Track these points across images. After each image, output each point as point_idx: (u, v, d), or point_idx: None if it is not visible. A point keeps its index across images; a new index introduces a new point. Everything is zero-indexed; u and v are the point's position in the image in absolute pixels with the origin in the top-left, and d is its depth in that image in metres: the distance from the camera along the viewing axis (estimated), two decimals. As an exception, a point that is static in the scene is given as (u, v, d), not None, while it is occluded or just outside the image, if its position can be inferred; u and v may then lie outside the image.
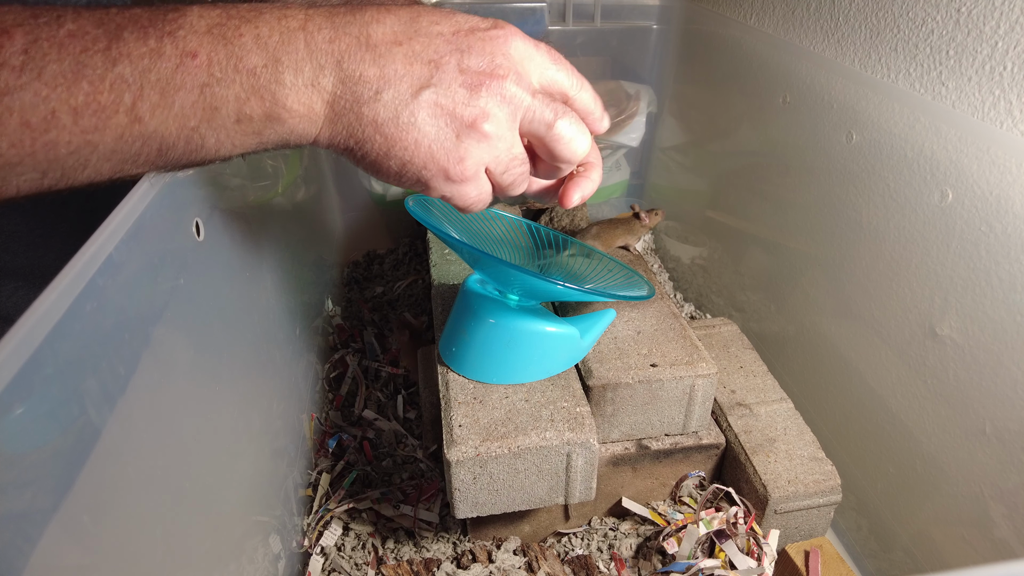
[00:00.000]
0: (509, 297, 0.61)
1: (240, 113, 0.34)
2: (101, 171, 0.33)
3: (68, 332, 0.31)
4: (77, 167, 0.32)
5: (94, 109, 0.31)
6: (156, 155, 0.34)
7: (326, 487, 0.74)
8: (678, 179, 1.13)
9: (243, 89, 0.33)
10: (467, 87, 0.37)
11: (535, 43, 0.40)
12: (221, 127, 0.34)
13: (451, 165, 0.38)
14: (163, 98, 0.32)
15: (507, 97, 0.38)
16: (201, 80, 0.33)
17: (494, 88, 0.37)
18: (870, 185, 0.68)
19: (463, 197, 0.40)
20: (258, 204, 0.65)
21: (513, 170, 0.41)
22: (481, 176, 0.40)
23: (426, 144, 0.37)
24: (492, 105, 0.37)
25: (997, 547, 0.56)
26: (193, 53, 0.32)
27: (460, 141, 0.37)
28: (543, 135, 0.40)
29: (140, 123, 0.32)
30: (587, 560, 0.65)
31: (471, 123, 0.37)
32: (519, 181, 0.42)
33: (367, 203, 1.17)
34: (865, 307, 0.70)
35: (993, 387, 0.56)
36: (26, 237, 0.59)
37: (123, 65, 0.31)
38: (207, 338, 0.50)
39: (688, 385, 0.63)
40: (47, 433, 0.30)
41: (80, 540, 0.31)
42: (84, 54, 0.31)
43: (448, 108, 0.37)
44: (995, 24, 0.57)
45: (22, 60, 0.30)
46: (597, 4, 1.07)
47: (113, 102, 0.31)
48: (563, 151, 0.41)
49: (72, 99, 0.30)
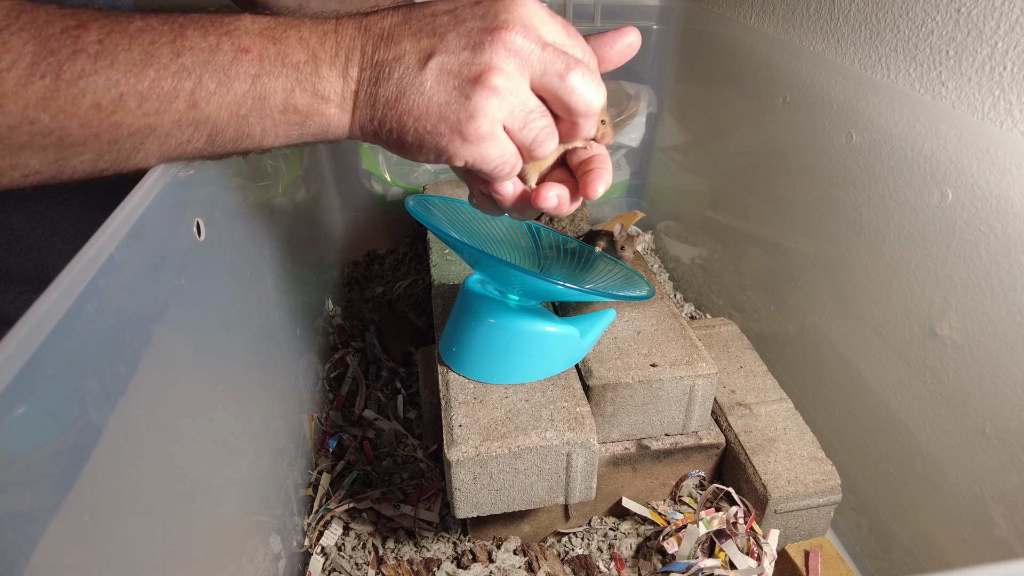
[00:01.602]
0: (509, 297, 0.61)
1: (286, 103, 0.37)
2: (151, 154, 0.37)
3: (69, 332, 0.31)
4: (132, 149, 0.36)
5: (158, 94, 0.34)
6: (205, 141, 0.37)
7: (326, 487, 0.74)
8: (678, 179, 1.13)
9: (288, 80, 0.37)
10: (471, 47, 0.37)
11: (550, 12, 0.40)
12: (268, 116, 0.37)
13: (463, 123, 0.37)
14: (219, 86, 0.36)
15: (513, 49, 0.37)
16: (253, 71, 0.36)
17: (498, 42, 0.37)
18: (870, 185, 0.68)
19: (486, 159, 0.39)
20: (259, 204, 0.66)
21: (532, 124, 0.39)
22: (499, 134, 0.39)
23: (436, 109, 0.38)
24: (498, 59, 0.37)
25: (997, 547, 0.56)
26: (247, 49, 0.36)
27: (469, 99, 0.37)
28: (556, 88, 0.39)
29: (196, 109, 0.36)
30: (587, 560, 0.65)
31: (477, 78, 0.37)
32: (543, 136, 0.40)
33: (367, 203, 1.17)
34: (865, 307, 0.70)
35: (993, 387, 0.56)
36: (28, 236, 0.59)
37: (186, 56, 0.35)
38: (208, 338, 0.50)
39: (688, 385, 0.64)
40: (48, 433, 0.30)
41: (81, 540, 0.31)
42: (152, 46, 0.34)
43: (453, 70, 0.37)
44: (995, 24, 0.57)
45: (97, 49, 0.33)
46: (597, 4, 1.08)
47: (175, 88, 0.35)
48: (578, 103, 0.39)
49: (139, 84, 0.34)
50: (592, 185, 0.44)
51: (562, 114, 0.41)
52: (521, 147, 0.40)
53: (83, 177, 0.36)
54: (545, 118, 0.40)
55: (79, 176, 0.36)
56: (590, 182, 0.45)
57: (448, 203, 0.64)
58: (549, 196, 0.44)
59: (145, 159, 0.37)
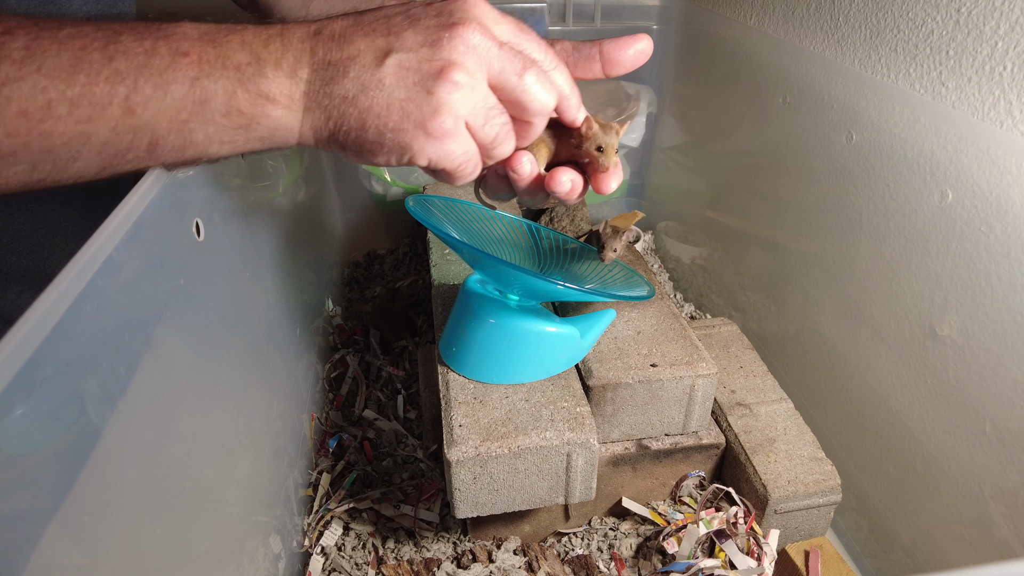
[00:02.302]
0: (509, 297, 0.61)
1: (228, 106, 0.36)
2: (90, 165, 0.35)
3: (68, 332, 0.31)
4: (68, 159, 0.34)
5: (89, 100, 0.33)
6: (146, 149, 0.36)
7: (326, 487, 0.74)
8: (678, 179, 1.13)
9: (230, 82, 0.36)
10: (429, 44, 0.37)
11: (501, 12, 0.40)
12: (211, 120, 0.36)
13: (427, 118, 0.37)
14: (156, 90, 0.34)
15: (471, 45, 0.38)
16: (192, 74, 0.35)
17: (456, 38, 0.37)
18: (870, 185, 0.68)
19: (450, 157, 0.39)
20: (258, 204, 0.66)
21: (493, 120, 0.40)
22: (462, 131, 0.39)
23: (398, 104, 0.37)
24: (457, 54, 0.37)
25: (997, 547, 0.56)
26: (185, 52, 0.35)
27: (432, 94, 0.37)
28: (513, 86, 0.39)
29: (133, 115, 0.34)
30: (587, 560, 0.65)
31: (438, 73, 0.37)
32: (503, 135, 0.41)
33: (367, 203, 1.17)
34: (865, 307, 0.70)
35: (993, 387, 0.56)
36: (30, 237, 0.59)
37: (119, 61, 0.33)
38: (207, 338, 0.50)
39: (688, 385, 0.64)
40: (47, 433, 0.30)
41: (80, 540, 0.31)
42: (83, 51, 0.33)
43: (413, 66, 0.37)
44: (995, 24, 0.57)
45: (23, 55, 0.32)
46: (597, 5, 1.08)
47: (108, 94, 0.33)
48: (533, 102, 0.40)
49: (69, 90, 0.32)
50: (606, 181, 0.46)
51: (517, 114, 0.41)
52: (482, 145, 0.41)
53: (19, 188, 0.35)
54: (504, 116, 0.40)
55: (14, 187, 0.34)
56: (603, 178, 0.46)
57: (448, 203, 0.64)
58: (563, 180, 0.45)
59: (84, 169, 0.35)
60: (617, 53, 0.45)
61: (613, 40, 0.45)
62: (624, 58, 0.45)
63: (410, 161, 0.39)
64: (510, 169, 0.45)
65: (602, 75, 0.47)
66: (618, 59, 0.45)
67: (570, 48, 0.48)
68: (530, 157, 0.45)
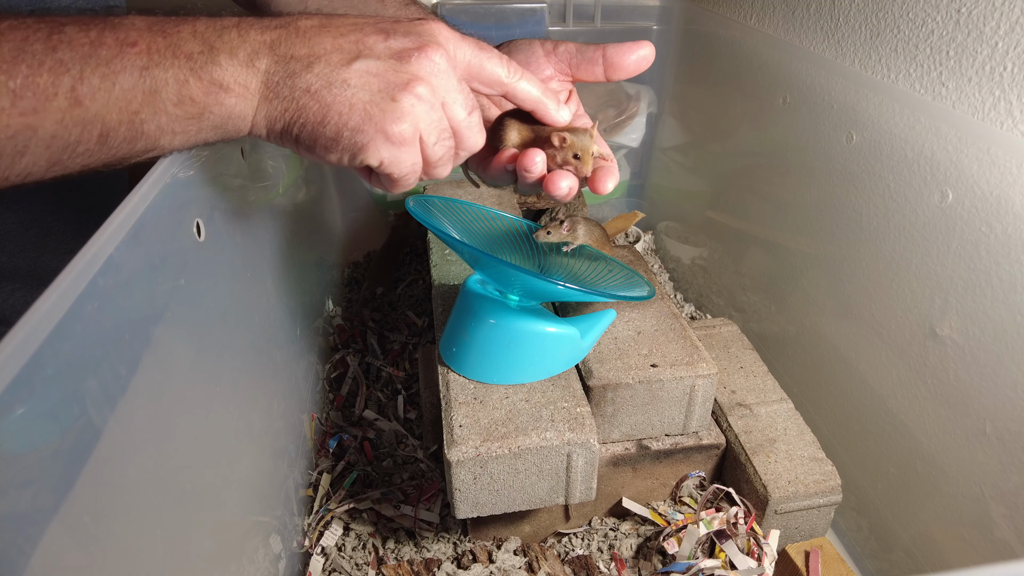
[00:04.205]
0: (509, 297, 0.61)
1: (180, 95, 0.35)
2: (39, 160, 0.34)
3: (69, 332, 0.31)
4: (15, 153, 0.33)
5: (33, 91, 0.32)
6: (97, 142, 0.35)
7: (327, 487, 0.74)
8: (678, 179, 1.13)
9: (182, 71, 0.35)
10: (396, 58, 0.39)
11: (462, 34, 0.42)
12: (162, 110, 0.35)
13: (389, 123, 0.38)
14: (104, 81, 0.33)
15: (437, 67, 0.39)
16: (141, 64, 0.34)
17: (424, 58, 0.39)
18: (870, 185, 0.68)
19: (399, 164, 0.40)
20: (259, 205, 0.66)
21: (444, 142, 0.41)
22: (416, 143, 0.40)
23: (361, 105, 0.38)
24: (424, 72, 0.39)
25: (997, 547, 0.56)
26: (133, 42, 0.34)
27: (397, 102, 0.38)
28: (460, 120, 0.41)
29: (80, 106, 0.33)
30: (587, 560, 0.65)
31: (405, 84, 0.38)
32: (447, 157, 0.42)
33: (367, 203, 1.17)
34: (865, 307, 0.70)
35: (993, 387, 0.56)
36: (22, 236, 0.59)
37: (63, 51, 0.33)
38: (208, 338, 0.50)
39: (688, 385, 0.63)
40: (48, 433, 0.30)
41: (81, 540, 0.31)
42: (24, 42, 0.32)
43: (380, 74, 0.38)
44: (995, 25, 0.57)
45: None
46: (597, 5, 1.08)
47: (52, 84, 0.32)
48: (468, 140, 0.42)
49: (11, 81, 0.31)
50: (602, 181, 0.47)
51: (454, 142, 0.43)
52: (427, 161, 0.42)
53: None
54: (452, 140, 0.42)
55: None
56: (599, 179, 0.47)
57: (449, 203, 0.64)
58: (562, 185, 0.47)
59: (32, 164, 0.34)
60: (620, 58, 0.46)
61: (616, 45, 0.47)
62: (626, 63, 0.47)
63: (360, 162, 0.40)
64: (522, 168, 0.47)
65: (603, 79, 0.48)
66: (620, 64, 0.47)
67: (574, 50, 0.49)
68: (543, 156, 0.47)
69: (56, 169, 0.35)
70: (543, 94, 0.45)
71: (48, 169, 0.35)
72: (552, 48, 0.51)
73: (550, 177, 0.47)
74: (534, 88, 0.44)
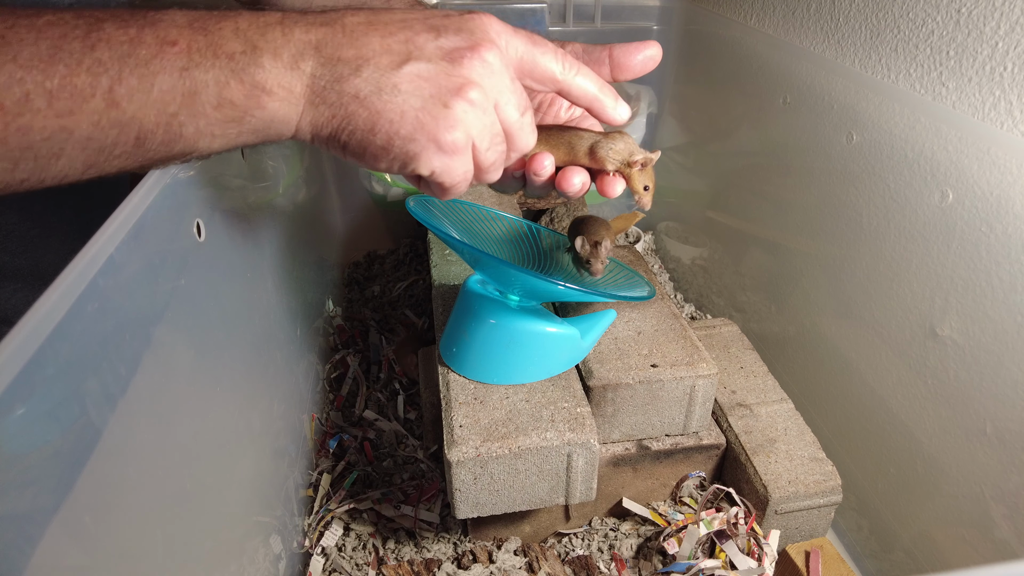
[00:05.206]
0: (510, 297, 0.61)
1: (220, 97, 0.34)
2: (74, 163, 0.33)
3: (69, 332, 0.31)
4: (50, 156, 0.32)
5: (70, 92, 0.31)
6: (134, 145, 0.33)
7: (327, 487, 0.74)
8: (678, 179, 1.13)
9: (222, 72, 0.34)
10: (448, 60, 0.37)
11: (514, 28, 0.40)
12: (201, 113, 0.34)
13: (442, 132, 0.37)
14: (142, 82, 0.32)
15: (491, 68, 0.38)
16: (180, 64, 0.33)
17: (477, 59, 0.37)
18: (870, 186, 0.68)
19: (451, 173, 0.39)
20: (259, 205, 0.66)
21: (496, 147, 0.40)
22: (469, 151, 0.39)
23: (412, 113, 0.36)
24: (476, 75, 0.37)
25: (998, 548, 0.56)
26: (173, 41, 0.33)
27: (449, 108, 0.37)
28: (512, 122, 0.40)
29: (117, 108, 0.32)
30: (588, 560, 0.65)
31: (458, 89, 0.37)
32: (499, 162, 0.41)
33: (368, 204, 1.17)
34: (865, 307, 0.70)
35: (994, 387, 0.56)
36: (23, 236, 0.59)
37: (101, 50, 0.31)
38: (208, 339, 0.50)
39: (688, 386, 0.63)
40: (48, 433, 0.30)
41: (81, 540, 0.31)
42: (62, 39, 0.31)
43: (432, 78, 0.36)
44: (995, 25, 0.57)
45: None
46: (597, 5, 1.08)
47: (90, 85, 0.31)
48: (521, 143, 0.41)
49: (47, 82, 0.30)
50: (612, 186, 0.48)
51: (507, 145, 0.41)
52: (479, 167, 0.40)
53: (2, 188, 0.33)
54: (504, 144, 0.40)
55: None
56: (608, 184, 0.48)
57: (449, 203, 0.64)
58: (574, 181, 0.47)
59: (68, 167, 0.33)
60: (626, 58, 0.46)
61: (623, 45, 0.46)
62: (633, 63, 0.46)
63: (412, 171, 0.38)
64: (531, 172, 0.46)
65: (610, 79, 0.47)
66: (627, 64, 0.46)
67: (580, 50, 0.49)
68: (551, 159, 0.46)
69: (92, 171, 0.34)
70: (600, 90, 0.43)
71: (85, 171, 0.33)
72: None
73: (563, 174, 0.46)
74: (591, 84, 0.42)
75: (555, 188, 0.48)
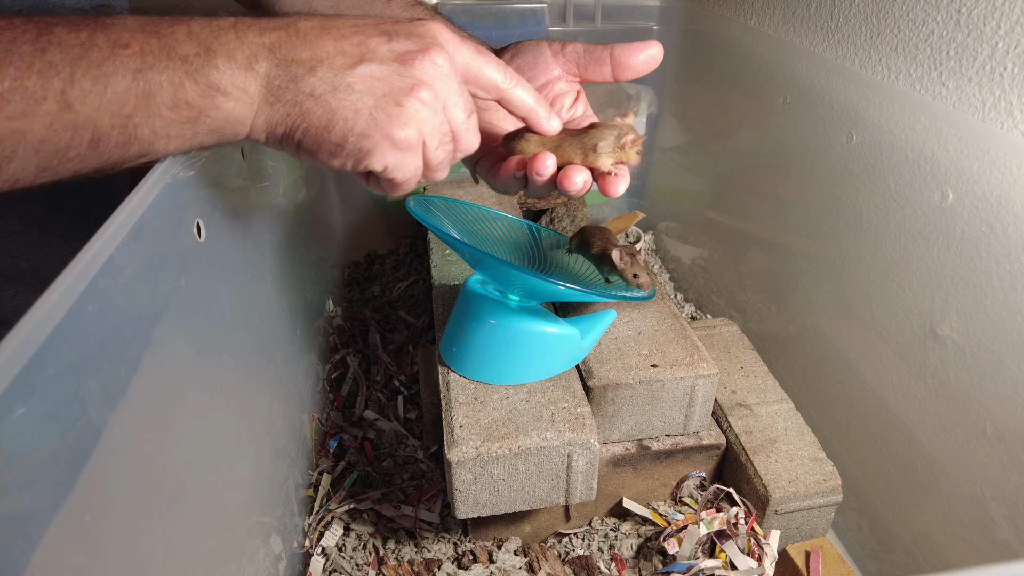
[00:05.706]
0: (510, 298, 0.61)
1: (175, 98, 0.34)
2: (28, 165, 0.33)
3: (69, 333, 0.31)
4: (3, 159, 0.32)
5: (21, 95, 0.31)
6: (88, 147, 0.34)
7: (327, 487, 0.74)
8: (678, 179, 1.13)
9: (177, 74, 0.34)
10: (400, 61, 0.38)
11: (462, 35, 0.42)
12: (156, 114, 0.34)
13: (396, 129, 0.38)
14: (95, 84, 0.32)
15: (441, 70, 0.39)
16: (134, 66, 0.33)
17: (427, 61, 0.39)
18: (870, 186, 0.68)
19: (403, 169, 0.40)
20: (259, 205, 0.66)
21: (445, 146, 0.41)
22: (420, 148, 0.40)
23: (367, 111, 0.37)
24: (427, 75, 0.39)
25: (998, 548, 0.56)
26: (126, 44, 0.33)
27: (402, 107, 0.38)
28: (459, 123, 0.41)
29: (71, 110, 0.32)
30: (588, 560, 0.65)
31: (410, 89, 0.38)
32: (447, 161, 0.42)
33: (368, 204, 1.17)
34: (866, 307, 0.70)
35: (994, 387, 0.56)
36: (24, 238, 0.59)
37: (52, 53, 0.32)
38: (208, 339, 0.50)
39: (689, 386, 0.63)
40: (48, 433, 0.30)
41: (81, 541, 0.31)
42: (12, 43, 0.31)
43: (384, 78, 0.38)
44: (995, 25, 0.57)
45: None
46: (597, 5, 1.08)
47: (41, 87, 0.31)
48: (466, 144, 0.42)
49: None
50: (613, 185, 0.47)
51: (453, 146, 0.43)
52: (427, 165, 0.42)
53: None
54: (452, 144, 0.42)
55: None
56: (610, 183, 0.48)
57: (449, 203, 0.64)
58: (576, 180, 0.47)
59: (20, 171, 0.33)
60: (628, 58, 0.46)
61: (624, 45, 0.46)
62: (634, 63, 0.47)
63: (365, 167, 0.39)
64: (534, 172, 0.47)
65: (611, 79, 0.48)
66: (628, 64, 0.46)
67: (582, 50, 0.49)
68: (552, 159, 0.47)
69: (46, 175, 0.34)
70: (536, 102, 0.45)
71: (37, 175, 0.33)
72: (560, 48, 0.51)
73: (564, 173, 0.47)
74: (528, 96, 0.44)
75: (556, 187, 0.48)
